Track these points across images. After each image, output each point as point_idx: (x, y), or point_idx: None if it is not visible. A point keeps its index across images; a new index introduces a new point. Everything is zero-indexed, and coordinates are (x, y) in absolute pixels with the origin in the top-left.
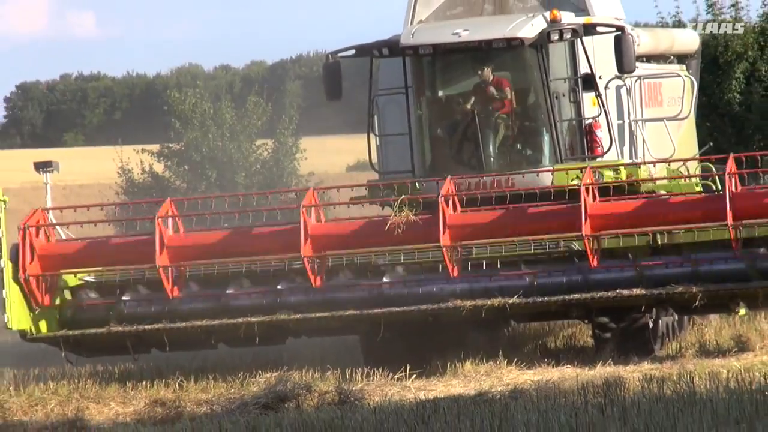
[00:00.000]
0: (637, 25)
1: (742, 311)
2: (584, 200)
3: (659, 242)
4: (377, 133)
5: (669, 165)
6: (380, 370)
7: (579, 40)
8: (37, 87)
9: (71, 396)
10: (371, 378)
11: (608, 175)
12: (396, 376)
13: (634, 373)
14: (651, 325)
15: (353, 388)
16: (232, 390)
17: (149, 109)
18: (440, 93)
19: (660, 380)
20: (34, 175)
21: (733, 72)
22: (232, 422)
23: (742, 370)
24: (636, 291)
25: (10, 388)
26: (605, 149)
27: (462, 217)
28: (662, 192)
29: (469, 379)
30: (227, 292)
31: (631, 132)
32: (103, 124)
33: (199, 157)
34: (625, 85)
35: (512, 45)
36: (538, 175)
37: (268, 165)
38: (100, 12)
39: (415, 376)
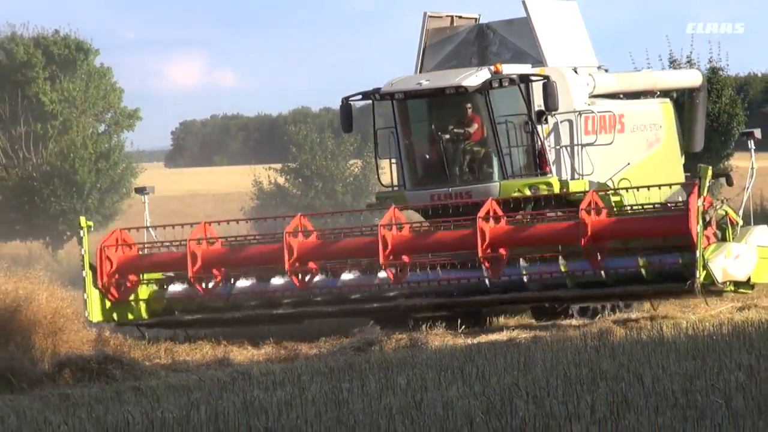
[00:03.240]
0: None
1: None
2: (479, 228)
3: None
4: (381, 156)
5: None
6: (440, 323)
7: (530, 84)
8: (194, 123)
9: (220, 343)
10: (433, 329)
11: (543, 188)
12: (449, 329)
13: (619, 323)
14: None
15: (420, 336)
16: (335, 340)
17: (274, 139)
18: (417, 127)
19: (638, 328)
20: (192, 185)
21: None
22: (334, 360)
23: (697, 321)
24: (514, 295)
25: (177, 339)
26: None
27: (398, 237)
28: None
29: (503, 330)
30: (237, 286)
31: (573, 154)
32: (241, 149)
33: (309, 173)
34: (568, 119)
35: (459, 91)
36: (489, 188)
37: (358, 178)
38: (237, 70)
39: (464, 327)
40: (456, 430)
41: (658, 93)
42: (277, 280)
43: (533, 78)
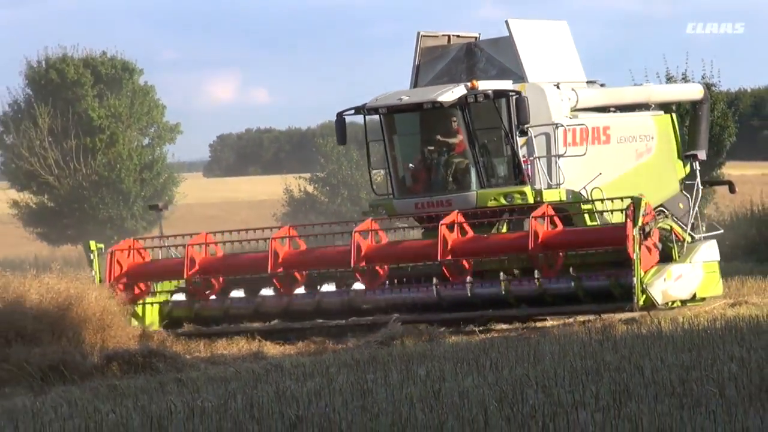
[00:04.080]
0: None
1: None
2: (441, 237)
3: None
4: (374, 167)
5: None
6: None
7: (510, 99)
8: (230, 136)
9: (255, 338)
10: (450, 326)
11: (517, 197)
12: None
13: (621, 319)
14: None
15: (439, 332)
16: (360, 335)
17: (304, 151)
18: (403, 139)
19: (638, 323)
20: (228, 194)
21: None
22: (360, 353)
23: (693, 317)
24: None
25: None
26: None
27: (372, 246)
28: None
29: (513, 326)
30: (230, 296)
31: (549, 165)
32: (274, 160)
33: (336, 181)
34: (547, 132)
35: (435, 106)
36: (467, 197)
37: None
38: (270, 87)
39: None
40: (471, 417)
41: (653, 106)
42: (265, 291)
43: (510, 94)
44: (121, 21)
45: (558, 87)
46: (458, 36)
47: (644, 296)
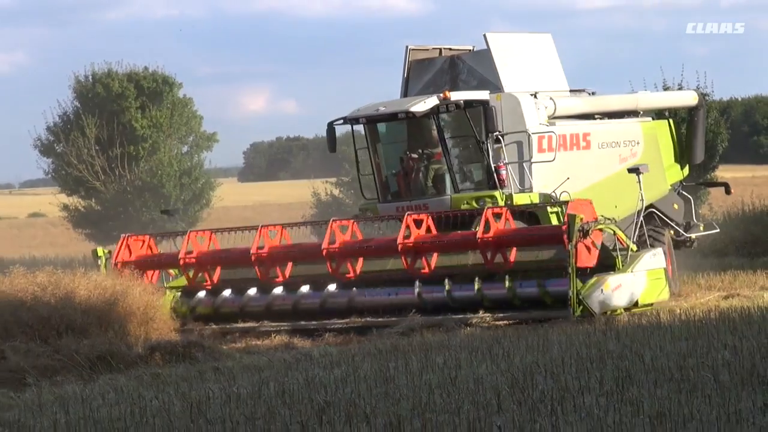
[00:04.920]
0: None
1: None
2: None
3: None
4: (363, 173)
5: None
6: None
7: (487, 108)
8: (262, 144)
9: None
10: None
11: (488, 201)
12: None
13: (623, 312)
14: None
15: (455, 325)
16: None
17: (329, 157)
18: (386, 147)
19: (639, 315)
20: (261, 197)
21: None
22: (382, 343)
23: (689, 308)
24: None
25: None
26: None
27: (337, 248)
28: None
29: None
30: (222, 296)
31: (521, 170)
32: (302, 166)
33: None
34: (522, 139)
35: (408, 116)
36: (442, 201)
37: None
38: (298, 99)
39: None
40: (485, 401)
41: (641, 113)
42: (251, 291)
43: (482, 104)
44: (162, 39)
45: (535, 96)
46: (450, 49)
47: (581, 307)
